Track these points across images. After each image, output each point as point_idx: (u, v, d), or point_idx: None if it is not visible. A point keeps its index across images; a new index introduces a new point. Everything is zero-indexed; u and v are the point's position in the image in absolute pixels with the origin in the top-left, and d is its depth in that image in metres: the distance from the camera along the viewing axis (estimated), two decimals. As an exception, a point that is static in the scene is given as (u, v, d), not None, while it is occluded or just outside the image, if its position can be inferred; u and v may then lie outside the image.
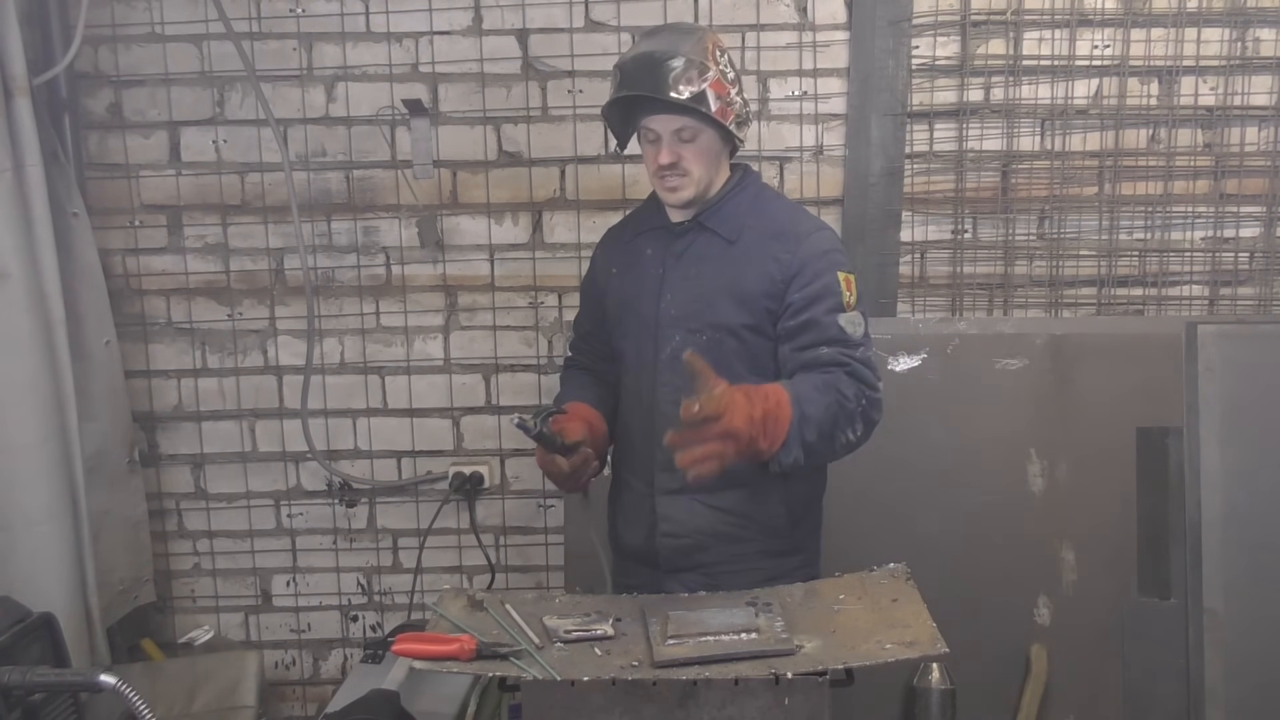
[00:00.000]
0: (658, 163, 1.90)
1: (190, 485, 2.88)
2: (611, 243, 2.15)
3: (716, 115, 1.85)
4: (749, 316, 1.90)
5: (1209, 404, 2.41)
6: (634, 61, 1.87)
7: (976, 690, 2.47)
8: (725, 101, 1.87)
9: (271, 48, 2.70)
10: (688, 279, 1.95)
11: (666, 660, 1.56)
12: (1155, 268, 2.70)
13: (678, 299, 1.95)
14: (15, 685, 1.55)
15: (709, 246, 1.95)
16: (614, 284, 2.08)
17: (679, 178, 1.90)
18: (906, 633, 1.63)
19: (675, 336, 1.93)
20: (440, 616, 1.74)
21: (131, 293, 2.80)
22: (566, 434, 1.94)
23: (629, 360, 2.04)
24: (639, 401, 2.01)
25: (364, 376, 2.83)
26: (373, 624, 2.94)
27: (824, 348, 1.84)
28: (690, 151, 1.89)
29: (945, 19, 2.63)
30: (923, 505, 2.50)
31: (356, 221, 2.77)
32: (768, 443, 1.72)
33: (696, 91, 1.83)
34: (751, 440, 1.69)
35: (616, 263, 2.09)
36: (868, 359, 1.86)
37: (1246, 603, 2.39)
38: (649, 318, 1.97)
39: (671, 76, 1.82)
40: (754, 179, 2.03)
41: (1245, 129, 2.65)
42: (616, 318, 2.07)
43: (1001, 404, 2.54)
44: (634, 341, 2.02)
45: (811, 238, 1.91)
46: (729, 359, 1.89)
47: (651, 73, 1.83)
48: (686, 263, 1.96)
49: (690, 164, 1.89)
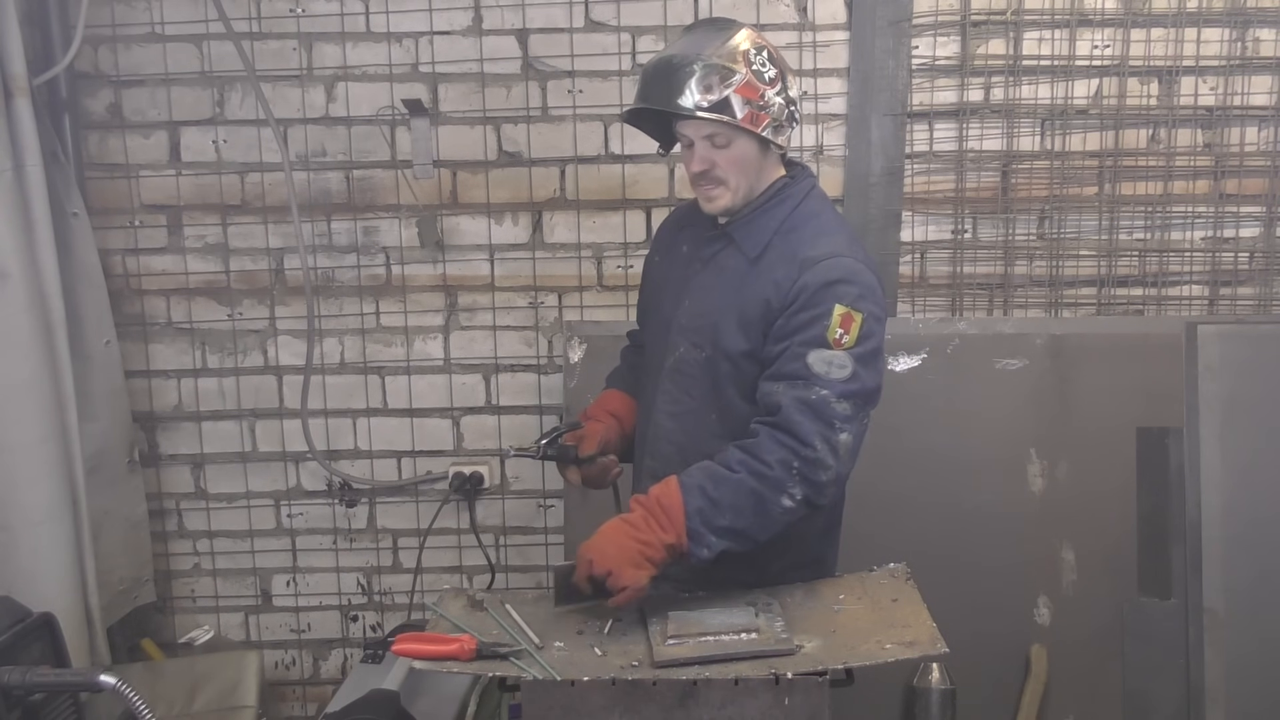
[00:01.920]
0: (690, 170, 1.81)
1: (190, 485, 2.88)
2: (667, 227, 2.08)
3: (744, 122, 1.73)
4: (746, 343, 1.79)
5: (1209, 404, 2.41)
6: (653, 68, 1.78)
7: (976, 690, 2.47)
8: (757, 106, 1.74)
9: (271, 48, 2.70)
10: (706, 290, 1.87)
11: (666, 660, 1.56)
12: (1155, 268, 2.70)
13: (694, 308, 1.87)
14: (15, 685, 1.55)
15: (730, 259, 1.85)
16: (652, 272, 2.05)
17: (714, 186, 1.80)
18: (906, 633, 1.63)
19: (680, 346, 1.87)
20: (440, 616, 1.74)
21: (131, 293, 2.80)
22: (582, 447, 1.91)
23: (647, 357, 2.01)
24: (644, 403, 1.98)
25: (364, 376, 2.83)
26: (373, 624, 2.94)
27: (778, 383, 1.71)
28: (724, 158, 1.78)
29: (945, 19, 2.63)
30: (923, 505, 2.50)
31: (356, 221, 2.77)
32: (666, 550, 1.66)
33: (718, 99, 1.71)
34: (640, 560, 1.65)
35: (661, 251, 2.04)
36: (821, 404, 1.68)
37: (1246, 603, 2.39)
38: (667, 319, 1.92)
39: (689, 83, 1.71)
40: (797, 189, 1.86)
41: (1245, 129, 2.65)
42: (644, 308, 2.05)
43: (1001, 404, 2.54)
44: (654, 340, 1.97)
45: (821, 264, 1.74)
46: (722, 383, 1.83)
47: (665, 81, 1.74)
48: (710, 272, 1.87)
49: (725, 171, 1.78)
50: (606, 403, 2.05)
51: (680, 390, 1.88)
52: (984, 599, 2.46)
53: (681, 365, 1.87)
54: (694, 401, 1.86)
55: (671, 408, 1.89)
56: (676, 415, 1.88)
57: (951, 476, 2.52)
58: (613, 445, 2.00)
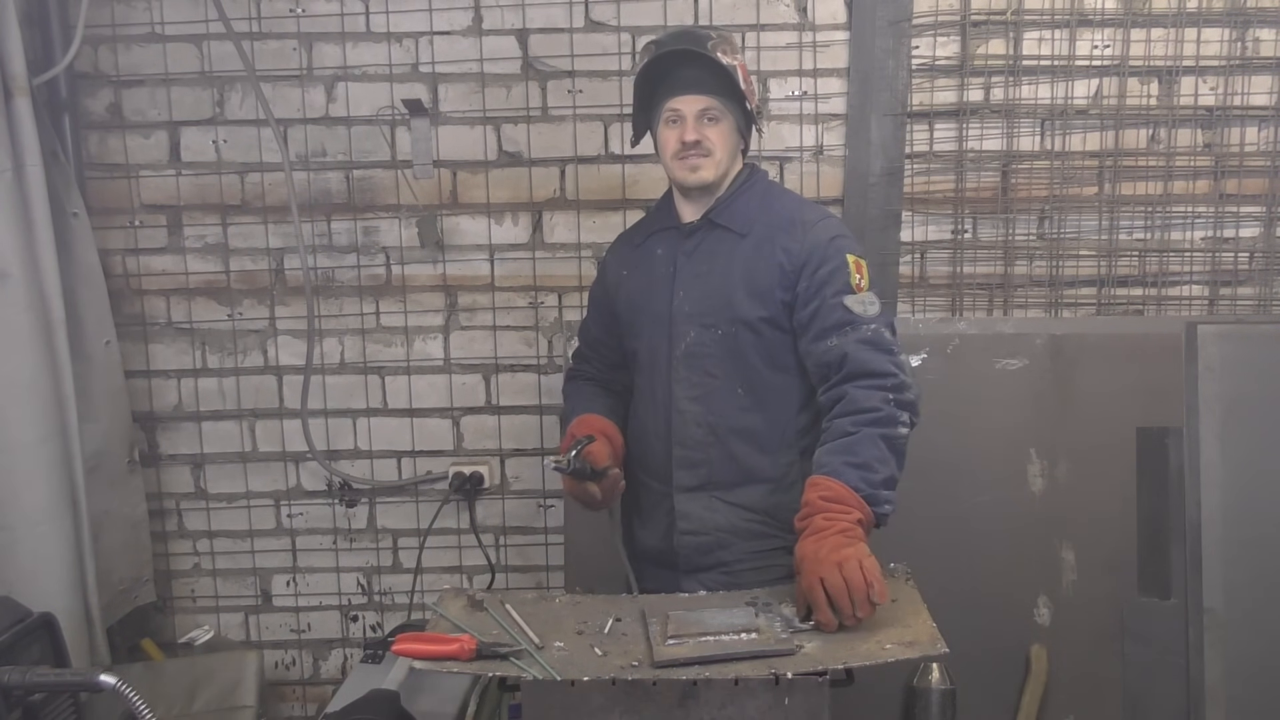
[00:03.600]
0: (681, 141, 1.90)
1: (190, 485, 2.88)
2: (622, 248, 2.15)
3: (745, 94, 1.89)
4: (763, 309, 1.89)
5: (1209, 404, 2.41)
6: (672, 36, 1.91)
7: (976, 690, 2.47)
8: (749, 88, 1.92)
9: (271, 48, 2.70)
10: (699, 275, 1.95)
11: (666, 660, 1.56)
12: (1155, 268, 2.70)
13: (691, 295, 1.94)
14: (15, 685, 1.55)
15: (719, 243, 1.95)
16: (625, 286, 2.08)
17: (701, 157, 1.90)
18: (906, 633, 1.63)
19: (690, 332, 1.93)
20: (440, 616, 1.74)
21: (131, 293, 2.80)
22: (595, 460, 1.94)
23: (642, 360, 2.04)
24: (653, 400, 2.01)
25: (364, 376, 2.83)
26: (373, 624, 2.94)
27: (832, 338, 1.83)
28: (714, 132, 1.90)
29: (945, 19, 2.63)
30: (923, 505, 2.49)
31: (356, 221, 2.77)
32: (859, 525, 1.69)
33: (730, 64, 1.86)
34: (849, 542, 1.66)
35: (627, 265, 2.09)
36: (877, 338, 1.82)
37: (1246, 603, 2.39)
38: (662, 315, 1.97)
39: (711, 45, 1.85)
40: (762, 176, 2.03)
41: (1245, 129, 2.64)
42: (628, 320, 2.07)
43: (1001, 404, 2.53)
44: (647, 341, 2.01)
45: (818, 225, 1.91)
46: (745, 352, 1.91)
47: (694, 40, 1.87)
48: (698, 259, 1.96)
49: (713, 144, 1.90)
50: (589, 424, 2.04)
51: (700, 373, 1.93)
52: (984, 599, 2.46)
53: (695, 349, 1.93)
54: (717, 380, 1.93)
55: (693, 391, 1.94)
56: (700, 397, 1.94)
57: (951, 476, 2.52)
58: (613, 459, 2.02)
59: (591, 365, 2.20)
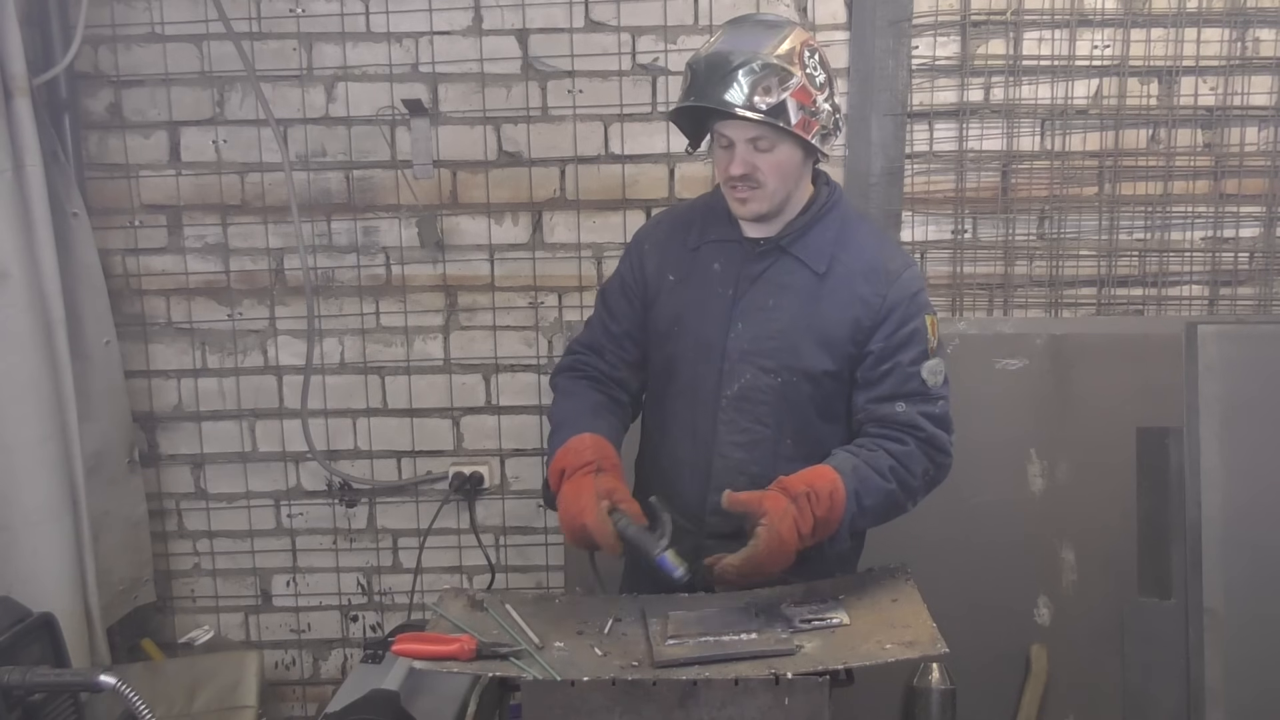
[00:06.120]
0: (729, 173, 1.73)
1: (190, 485, 2.88)
2: (669, 243, 1.90)
3: (797, 129, 1.67)
4: (831, 363, 1.77)
5: (1209, 404, 2.41)
6: (706, 63, 1.68)
7: (976, 690, 2.47)
8: (809, 112, 1.69)
9: (271, 48, 2.70)
10: (764, 310, 1.78)
11: (666, 660, 1.56)
12: (1155, 268, 2.70)
13: (750, 330, 1.78)
14: (15, 685, 1.55)
15: (791, 275, 1.78)
16: (672, 294, 1.86)
17: (751, 190, 1.73)
18: (906, 633, 1.63)
19: (745, 374, 1.79)
20: (440, 616, 1.74)
21: (131, 293, 2.80)
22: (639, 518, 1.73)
23: (682, 384, 1.86)
24: (693, 436, 1.85)
25: (364, 376, 2.83)
26: (373, 624, 2.94)
27: (900, 403, 1.76)
28: (766, 163, 1.71)
29: (945, 19, 2.63)
30: (923, 505, 2.48)
31: (356, 221, 2.77)
32: (813, 540, 1.70)
33: (775, 103, 1.65)
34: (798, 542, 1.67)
35: (675, 270, 1.87)
36: (944, 416, 1.79)
37: (1246, 603, 2.38)
38: (714, 346, 1.80)
39: (749, 84, 1.64)
40: (843, 200, 1.85)
41: (1245, 129, 2.65)
42: (666, 330, 1.87)
43: (1001, 404, 2.54)
44: (692, 367, 1.83)
45: (902, 278, 1.78)
46: (801, 403, 1.79)
47: (723, 79, 1.65)
48: (763, 290, 1.79)
49: (765, 176, 1.72)
50: (603, 453, 1.79)
51: (750, 419, 1.81)
52: (984, 599, 2.46)
53: (749, 393, 1.80)
54: (767, 429, 1.81)
55: (740, 438, 1.82)
56: (747, 445, 1.82)
57: (951, 476, 2.50)
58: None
59: (604, 360, 1.94)
